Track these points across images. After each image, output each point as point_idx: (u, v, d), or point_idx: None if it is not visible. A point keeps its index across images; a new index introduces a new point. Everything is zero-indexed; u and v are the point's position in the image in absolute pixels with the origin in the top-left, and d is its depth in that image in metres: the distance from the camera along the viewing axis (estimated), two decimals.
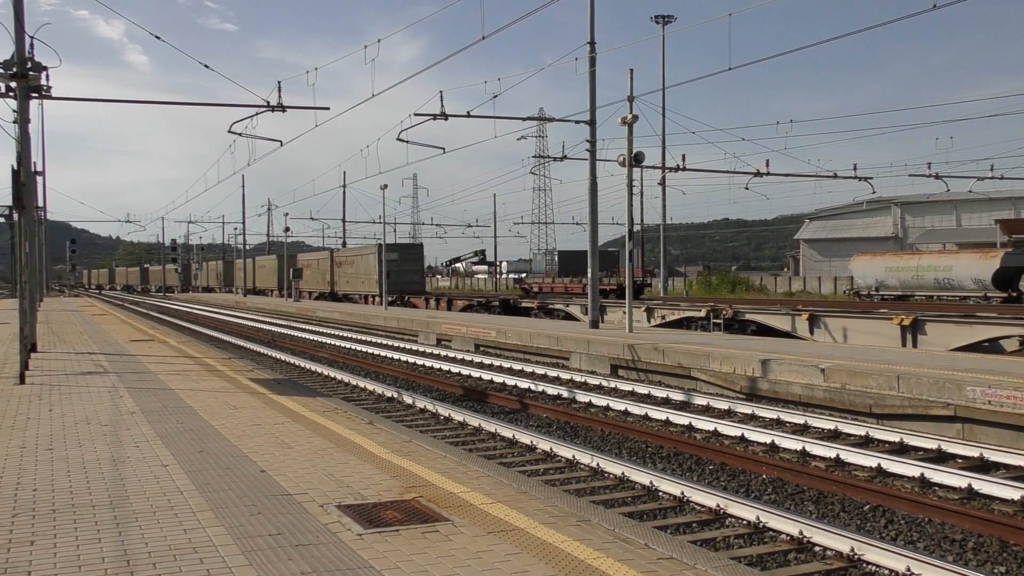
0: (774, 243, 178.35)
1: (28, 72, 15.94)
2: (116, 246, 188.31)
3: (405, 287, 49.10)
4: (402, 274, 49.36)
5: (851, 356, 14.96)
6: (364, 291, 51.84)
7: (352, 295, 55.15)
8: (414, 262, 51.68)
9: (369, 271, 51.01)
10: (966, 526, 7.36)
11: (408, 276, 50.14)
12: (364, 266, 52.03)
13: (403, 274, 49.50)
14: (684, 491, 8.16)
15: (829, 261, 78.10)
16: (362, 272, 52.52)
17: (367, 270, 51.61)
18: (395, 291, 46.97)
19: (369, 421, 9.74)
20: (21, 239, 14.83)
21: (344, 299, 55.69)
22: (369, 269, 50.99)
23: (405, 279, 49.65)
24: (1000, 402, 10.84)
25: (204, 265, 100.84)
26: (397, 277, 47.91)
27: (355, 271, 54.14)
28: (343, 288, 56.91)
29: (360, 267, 52.90)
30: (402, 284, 48.98)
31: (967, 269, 41.46)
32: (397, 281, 47.82)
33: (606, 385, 16.21)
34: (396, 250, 49.94)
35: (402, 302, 47.10)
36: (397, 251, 50.09)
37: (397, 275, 47.88)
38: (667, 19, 52.33)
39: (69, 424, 9.33)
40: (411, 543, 5.11)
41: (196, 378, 13.77)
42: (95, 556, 4.85)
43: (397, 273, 47.99)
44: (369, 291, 50.84)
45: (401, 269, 49.21)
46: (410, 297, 47.45)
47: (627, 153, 22.26)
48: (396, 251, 49.68)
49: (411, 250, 53.22)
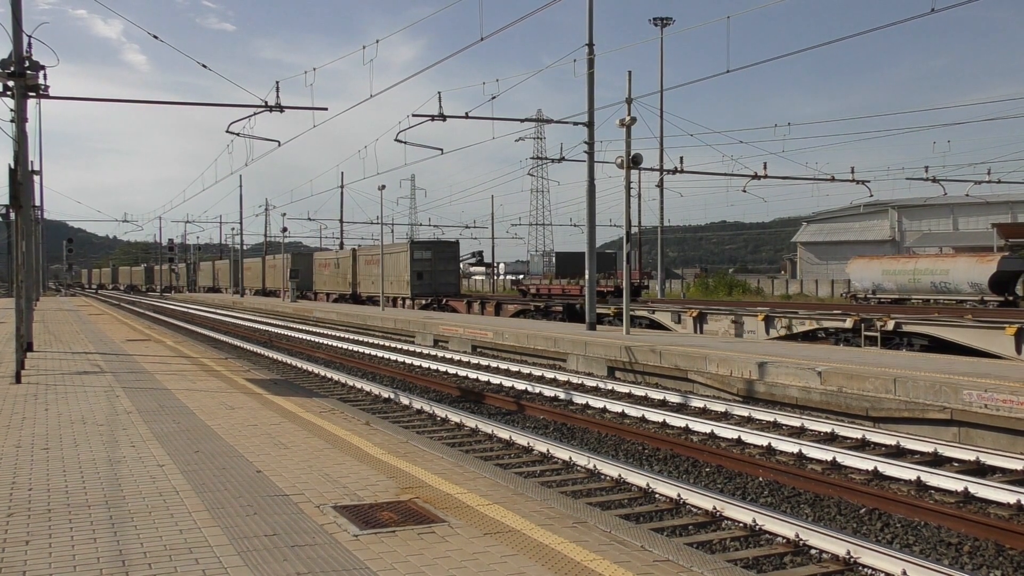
0: (771, 246, 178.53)
1: (26, 71, 15.91)
2: (113, 246, 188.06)
3: (439, 289, 44.56)
4: (436, 274, 45.06)
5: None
6: (392, 293, 46.58)
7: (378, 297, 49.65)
8: (449, 261, 46.36)
9: (399, 271, 46.30)
10: (962, 530, 7.37)
11: (443, 277, 45.44)
12: (393, 266, 46.86)
13: (437, 274, 45.14)
14: (680, 493, 8.16)
15: (826, 264, 78.17)
16: (390, 272, 47.16)
17: (396, 270, 46.67)
18: (428, 293, 43.48)
19: (366, 422, 9.73)
20: (18, 238, 14.81)
21: (368, 302, 50.39)
22: (399, 269, 46.32)
23: (439, 280, 45.19)
24: (996, 406, 10.85)
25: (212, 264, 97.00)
26: (430, 278, 44.44)
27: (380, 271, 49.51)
28: (368, 290, 51.38)
29: (388, 267, 47.19)
30: (436, 286, 44.69)
31: (964, 273, 41.54)
32: (430, 282, 44.40)
33: (603, 387, 16.21)
34: (429, 248, 46.15)
35: (439, 306, 41.96)
36: (430, 249, 46.01)
37: (430, 276, 44.42)
38: (665, 21, 52.38)
39: (65, 424, 9.31)
40: (407, 544, 5.11)
41: (192, 378, 13.75)
42: (90, 556, 4.84)
43: (430, 274, 44.50)
44: (398, 293, 46.15)
45: (435, 269, 45.03)
46: (448, 300, 42.39)
47: (625, 155, 22.26)
48: (429, 249, 45.85)
49: (446, 248, 47.60)
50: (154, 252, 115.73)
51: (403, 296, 45.56)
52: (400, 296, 45.90)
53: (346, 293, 55.11)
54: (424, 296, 42.46)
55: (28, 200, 16.13)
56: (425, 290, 42.94)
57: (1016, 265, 42.05)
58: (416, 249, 44.48)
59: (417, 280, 43.10)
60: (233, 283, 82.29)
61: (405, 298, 45.13)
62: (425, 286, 43.25)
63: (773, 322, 24.90)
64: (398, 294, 46.26)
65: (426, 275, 43.76)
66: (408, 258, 44.81)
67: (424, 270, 43.58)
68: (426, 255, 44.37)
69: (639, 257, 51.05)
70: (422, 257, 43.53)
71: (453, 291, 45.21)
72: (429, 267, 44.69)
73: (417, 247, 44.55)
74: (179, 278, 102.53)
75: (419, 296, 43.23)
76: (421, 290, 42.94)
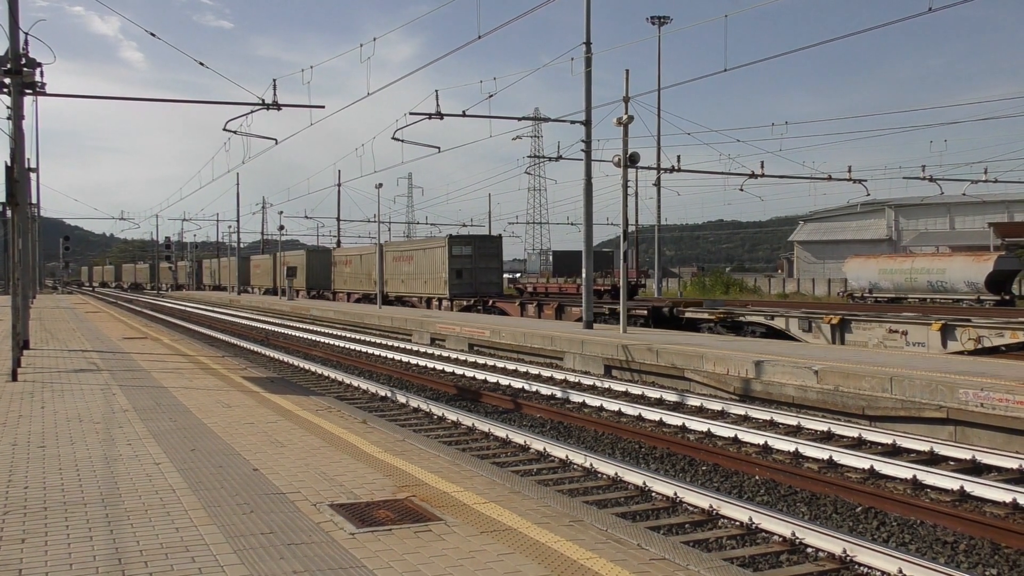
0: (768, 245, 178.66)
1: (22, 68, 15.89)
2: (110, 243, 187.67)
3: (480, 288, 39.57)
4: (476, 272, 39.93)
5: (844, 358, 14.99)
6: (427, 293, 42.08)
7: (409, 298, 44.88)
8: (491, 258, 41.05)
9: (435, 269, 41.21)
10: (958, 528, 7.38)
11: (485, 275, 40.28)
12: (427, 263, 42.08)
13: (478, 272, 40.00)
14: (677, 492, 8.16)
15: (823, 263, 78.28)
16: (425, 270, 42.49)
17: (432, 268, 41.57)
18: (467, 294, 38.86)
19: (362, 420, 9.73)
20: (14, 236, 14.79)
21: (398, 302, 45.49)
22: (435, 267, 41.21)
23: (481, 279, 40.03)
24: (992, 404, 10.87)
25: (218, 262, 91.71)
26: (471, 276, 39.75)
27: (414, 269, 44.06)
28: (397, 289, 46.25)
29: (422, 264, 42.79)
30: (477, 285, 39.69)
31: (960, 272, 41.65)
32: (471, 281, 39.65)
33: (600, 385, 16.22)
34: (469, 243, 41.28)
35: (484, 308, 36.78)
36: (471, 244, 41.17)
37: (470, 274, 39.76)
38: (663, 20, 52.40)
39: (61, 422, 9.30)
40: (404, 542, 5.11)
41: (189, 376, 13.74)
42: (86, 554, 4.84)
43: (470, 272, 39.82)
44: (433, 293, 41.29)
45: (475, 267, 40.01)
46: (495, 302, 36.95)
47: (622, 153, 22.27)
48: (469, 244, 41.04)
49: (488, 244, 42.36)
50: (150, 250, 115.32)
51: (439, 296, 40.71)
52: (436, 296, 41.10)
53: (371, 293, 49.42)
54: (464, 297, 38.26)
55: (25, 198, 16.11)
56: (465, 290, 38.62)
57: (1012, 264, 42.19)
58: (455, 244, 39.83)
59: (456, 279, 38.60)
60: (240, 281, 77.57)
61: (441, 299, 40.36)
62: (465, 286, 38.87)
63: (954, 332, 19.57)
64: (433, 294, 41.41)
65: (465, 273, 39.24)
66: (446, 254, 39.89)
67: (463, 268, 39.11)
68: (466, 251, 39.72)
69: (636, 256, 51.07)
70: (461, 253, 38.93)
71: (495, 291, 40.29)
72: (469, 264, 39.94)
73: (456, 242, 39.96)
74: (185, 276, 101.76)
75: (458, 297, 38.89)
76: (460, 290, 38.65)
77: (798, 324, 22.71)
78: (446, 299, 39.61)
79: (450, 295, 39.30)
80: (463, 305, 37.93)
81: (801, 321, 22.62)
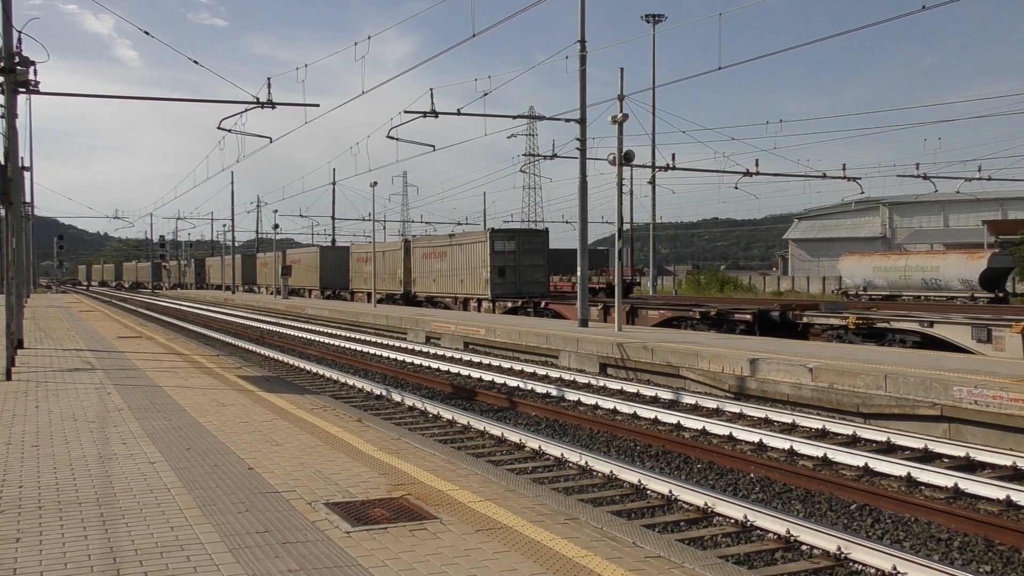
0: (763, 243, 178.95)
1: (16, 67, 15.84)
2: (104, 242, 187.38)
3: (525, 288, 35.47)
4: (521, 270, 36.03)
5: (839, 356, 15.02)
6: (463, 293, 37.89)
7: (442, 299, 40.27)
8: (537, 254, 36.65)
9: (474, 267, 36.92)
10: (952, 525, 7.40)
11: (530, 273, 36.13)
12: (464, 260, 37.84)
13: (522, 270, 36.08)
14: (672, 490, 8.18)
15: (818, 261, 78.42)
16: (461, 268, 38.25)
17: (471, 265, 37.24)
18: (512, 294, 34.79)
19: (358, 419, 9.73)
20: (8, 235, 14.76)
21: (428, 303, 41.45)
22: (474, 264, 36.94)
23: (525, 277, 36.00)
24: (986, 402, 10.90)
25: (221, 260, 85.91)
26: (514, 275, 35.72)
27: (448, 267, 39.59)
28: (428, 289, 41.62)
29: (457, 261, 38.48)
30: (521, 284, 35.76)
31: (954, 270, 41.77)
32: (515, 281, 35.63)
33: (595, 383, 16.23)
34: (513, 238, 36.80)
35: (536, 310, 32.55)
36: (514, 239, 36.73)
37: (514, 272, 35.74)
38: (658, 18, 52.43)
39: (56, 421, 9.28)
40: (399, 541, 5.11)
41: (184, 375, 13.72)
42: (81, 553, 4.83)
43: (514, 270, 35.79)
44: (472, 293, 37.13)
45: (519, 264, 36.02)
46: (548, 303, 32.37)
47: (617, 152, 22.29)
48: (513, 239, 36.60)
49: (534, 238, 37.78)
50: (145, 249, 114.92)
51: (479, 297, 36.43)
52: (475, 297, 36.88)
53: (395, 293, 45.36)
54: (508, 298, 34.31)
55: (18, 196, 16.04)
56: (508, 290, 34.70)
57: (1006, 262, 42.32)
58: (497, 239, 35.85)
59: (498, 278, 34.82)
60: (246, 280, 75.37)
61: (481, 299, 36.26)
62: (508, 285, 34.85)
63: None
64: (472, 294, 37.16)
65: (509, 271, 35.06)
66: (487, 250, 35.68)
67: (507, 265, 34.94)
68: (509, 246, 35.51)
69: (631, 254, 51.08)
70: (504, 249, 34.98)
71: (541, 291, 35.83)
72: (513, 261, 35.55)
73: (499, 236, 36.14)
74: (179, 274, 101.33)
75: (502, 298, 34.88)
76: (504, 290, 34.84)
77: (970, 333, 18.48)
78: (487, 300, 35.67)
79: (492, 295, 35.28)
80: (507, 307, 34.09)
81: (973, 330, 18.41)
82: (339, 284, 55.37)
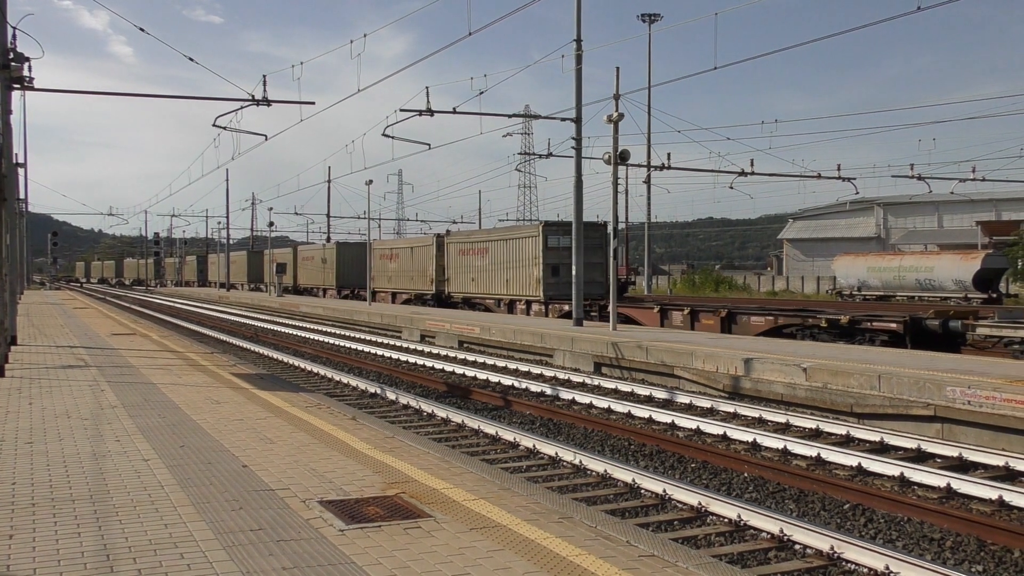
0: (758, 242, 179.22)
1: (10, 63, 15.80)
2: (98, 239, 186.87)
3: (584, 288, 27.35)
4: None
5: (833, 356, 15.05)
6: (510, 294, 33.60)
7: (482, 300, 36.07)
8: (596, 251, 30.82)
9: (524, 265, 32.53)
10: (945, 525, 7.42)
11: (588, 272, 28.63)
12: (511, 257, 33.45)
13: None
14: (666, 489, 8.19)
15: (812, 261, 78.54)
16: (506, 266, 33.77)
17: (519, 263, 32.89)
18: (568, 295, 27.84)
19: (352, 417, 9.72)
20: (2, 232, 14.71)
21: (465, 305, 37.22)
22: (524, 262, 32.54)
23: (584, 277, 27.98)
24: (979, 402, 10.93)
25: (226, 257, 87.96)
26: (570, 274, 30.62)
27: (490, 264, 35.20)
28: (465, 289, 37.20)
29: (502, 258, 34.07)
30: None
31: (948, 270, 41.87)
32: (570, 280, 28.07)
33: (589, 383, 16.24)
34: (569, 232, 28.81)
35: (600, 314, 28.58)
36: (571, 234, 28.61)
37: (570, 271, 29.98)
38: (653, 17, 52.51)
39: (49, 418, 9.26)
40: (393, 539, 5.11)
41: (178, 372, 13.70)
42: (75, 551, 4.82)
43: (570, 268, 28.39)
44: (521, 294, 32.80)
45: None
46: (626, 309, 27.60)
47: (612, 151, 22.30)
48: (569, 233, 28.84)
49: (592, 233, 31.13)
50: (139, 246, 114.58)
51: (529, 299, 32.32)
52: (524, 299, 32.69)
53: (426, 293, 40.64)
54: (563, 299, 29.66)
55: (12, 193, 16.03)
56: (564, 291, 29.48)
57: (1000, 263, 42.43)
58: (551, 233, 31.63)
59: (552, 277, 30.87)
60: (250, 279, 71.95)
61: (531, 301, 32.17)
62: (563, 286, 29.74)
63: None
64: (520, 296, 32.95)
65: (563, 270, 30.16)
66: (539, 246, 31.50)
67: (562, 263, 30.33)
68: (564, 242, 30.35)
69: (626, 253, 51.12)
70: (559, 245, 30.76)
71: (600, 291, 29.99)
72: (568, 258, 28.76)
73: (552, 230, 31.74)
74: (175, 271, 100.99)
75: (556, 299, 30.71)
76: (558, 291, 30.52)
77: None
78: (538, 302, 31.68)
79: (544, 297, 31.24)
80: (563, 310, 29.59)
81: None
82: (358, 283, 49.08)
